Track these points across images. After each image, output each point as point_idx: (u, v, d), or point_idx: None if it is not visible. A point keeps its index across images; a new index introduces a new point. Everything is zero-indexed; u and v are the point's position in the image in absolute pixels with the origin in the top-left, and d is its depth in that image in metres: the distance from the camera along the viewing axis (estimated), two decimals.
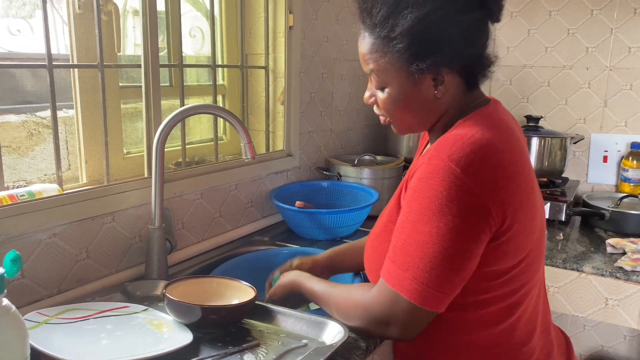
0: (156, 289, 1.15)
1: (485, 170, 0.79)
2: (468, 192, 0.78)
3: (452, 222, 0.78)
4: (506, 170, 0.81)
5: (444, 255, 0.78)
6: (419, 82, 0.88)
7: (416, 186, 0.82)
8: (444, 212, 0.78)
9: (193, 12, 1.66)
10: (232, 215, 1.56)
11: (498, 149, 0.82)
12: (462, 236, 0.78)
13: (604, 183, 2.15)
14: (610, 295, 1.48)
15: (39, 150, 1.22)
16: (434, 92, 0.89)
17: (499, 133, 0.85)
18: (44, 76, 1.11)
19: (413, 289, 0.80)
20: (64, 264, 1.11)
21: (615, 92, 2.07)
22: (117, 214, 1.20)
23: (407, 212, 0.83)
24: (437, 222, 0.78)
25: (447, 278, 0.80)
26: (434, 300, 0.80)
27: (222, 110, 1.23)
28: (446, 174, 0.78)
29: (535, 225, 0.89)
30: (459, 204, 0.78)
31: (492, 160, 0.80)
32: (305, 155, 1.87)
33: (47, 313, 0.96)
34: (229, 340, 0.96)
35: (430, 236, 0.79)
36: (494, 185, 0.79)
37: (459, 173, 0.78)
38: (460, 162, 0.78)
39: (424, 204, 0.80)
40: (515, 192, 0.82)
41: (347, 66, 2.05)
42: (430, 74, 0.87)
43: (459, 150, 0.79)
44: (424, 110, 0.91)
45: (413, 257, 0.80)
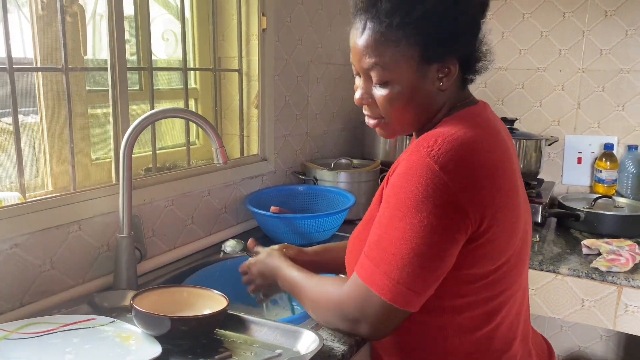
0: (125, 299, 1.11)
1: (465, 168, 0.77)
2: (445, 190, 0.75)
3: (426, 219, 0.75)
4: (487, 170, 0.79)
5: (417, 252, 0.76)
6: (426, 73, 0.85)
7: (395, 181, 0.80)
8: (419, 208, 0.76)
9: (166, 15, 1.63)
10: (205, 222, 1.53)
11: (480, 148, 0.80)
12: (436, 234, 0.76)
13: (579, 184, 2.17)
14: (587, 296, 1.49)
15: (4, 157, 1.17)
16: (438, 85, 0.86)
17: (483, 133, 0.83)
18: (7, 81, 1.06)
19: (384, 285, 0.78)
20: (26, 276, 1.06)
21: (588, 94, 2.10)
22: (83, 222, 1.16)
23: (384, 207, 0.81)
24: (411, 219, 0.76)
25: (419, 276, 0.77)
26: (404, 298, 0.78)
27: (192, 113, 1.19)
28: (424, 170, 0.76)
29: (517, 229, 0.86)
30: (435, 201, 0.75)
31: (472, 159, 0.78)
32: (280, 160, 1.85)
33: (6, 328, 0.92)
34: (200, 352, 0.93)
35: (404, 232, 0.77)
36: (473, 185, 0.77)
37: (437, 170, 0.76)
38: (439, 159, 0.76)
39: (400, 199, 0.78)
40: (496, 194, 0.80)
41: (323, 69, 2.03)
42: (439, 62, 0.84)
43: (439, 147, 0.77)
44: (425, 105, 0.88)
45: (386, 252, 0.78)
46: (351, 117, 2.31)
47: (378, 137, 2.17)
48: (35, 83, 1.20)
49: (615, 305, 1.45)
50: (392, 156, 2.14)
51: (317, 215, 1.52)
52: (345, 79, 2.22)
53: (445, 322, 0.87)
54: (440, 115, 0.90)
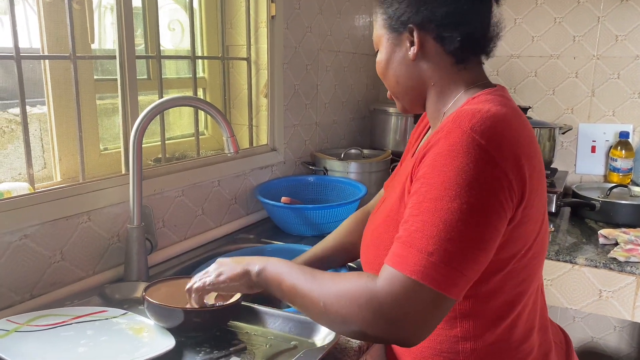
0: (136, 291, 1.09)
1: (509, 143, 0.74)
2: (494, 165, 0.71)
3: (483, 198, 0.70)
4: (524, 147, 0.77)
5: (476, 233, 0.70)
6: (399, 42, 0.90)
7: (436, 161, 0.73)
8: (473, 185, 0.70)
9: (172, 4, 1.60)
10: (215, 213, 1.51)
11: (516, 126, 0.77)
12: (491, 211, 0.71)
13: (593, 173, 2.13)
14: (604, 287, 1.46)
15: (12, 149, 1.16)
16: (408, 53, 0.89)
17: (513, 111, 0.81)
18: (14, 70, 1.04)
19: (440, 275, 0.68)
20: (36, 267, 1.05)
21: (602, 82, 2.05)
22: (93, 213, 1.14)
23: (426, 190, 0.73)
24: (467, 197, 0.69)
25: (476, 259, 0.71)
26: (458, 285, 0.70)
27: (202, 102, 1.17)
28: (471, 146, 0.71)
29: (543, 215, 0.85)
30: (486, 176, 0.70)
31: (512, 134, 0.75)
32: (290, 150, 1.82)
33: (17, 320, 0.90)
34: (214, 344, 0.91)
35: (460, 213, 0.69)
36: (517, 160, 0.74)
37: (484, 145, 0.71)
38: (485, 134, 0.72)
39: (448, 177, 0.71)
40: (531, 174, 0.77)
41: (332, 57, 2.00)
42: (405, 32, 0.88)
43: (481, 123, 0.73)
44: (404, 75, 0.92)
45: (438, 239, 0.69)
46: (360, 107, 2.28)
47: (388, 127, 2.14)
48: (43, 72, 1.18)
49: (634, 295, 1.42)
50: (402, 146, 2.11)
51: (328, 206, 1.50)
52: (354, 68, 2.19)
53: (468, 311, 0.84)
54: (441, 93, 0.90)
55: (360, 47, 2.21)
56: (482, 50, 0.90)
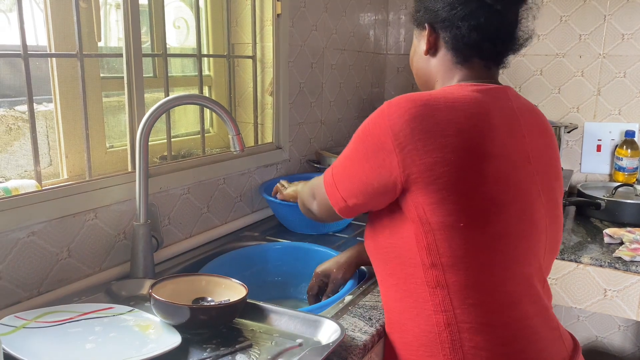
0: (142, 288, 1.10)
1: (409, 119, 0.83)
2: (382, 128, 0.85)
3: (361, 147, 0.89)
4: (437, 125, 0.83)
5: (347, 166, 0.92)
6: (421, 37, 1.01)
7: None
8: (361, 139, 0.89)
9: (177, 2, 1.60)
10: (221, 210, 1.51)
11: (439, 106, 0.84)
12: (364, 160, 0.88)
13: (598, 172, 2.13)
14: (609, 286, 1.46)
15: (18, 146, 1.16)
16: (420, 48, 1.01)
17: (453, 100, 0.86)
18: (22, 68, 1.05)
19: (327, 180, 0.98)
20: (43, 264, 1.05)
21: (608, 80, 2.05)
22: (99, 210, 1.15)
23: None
24: (353, 143, 0.91)
25: (344, 184, 0.93)
26: (335, 195, 0.95)
27: (209, 100, 1.17)
28: (377, 112, 0.88)
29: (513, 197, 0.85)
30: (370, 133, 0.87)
31: (425, 111, 0.84)
32: (295, 148, 1.82)
33: (25, 317, 0.91)
34: (220, 342, 0.92)
35: (347, 150, 0.93)
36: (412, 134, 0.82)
37: (385, 110, 0.86)
38: (392, 103, 0.86)
39: (355, 133, 0.92)
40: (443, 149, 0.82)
41: (337, 56, 2.00)
42: (424, 28, 0.98)
43: (399, 98, 0.87)
44: (420, 68, 1.04)
45: (337, 164, 0.96)
46: (365, 105, 2.28)
47: None
48: (50, 70, 1.18)
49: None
50: None
51: None
52: (359, 66, 2.19)
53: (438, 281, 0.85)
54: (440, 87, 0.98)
55: (365, 45, 2.21)
56: (485, 54, 0.95)
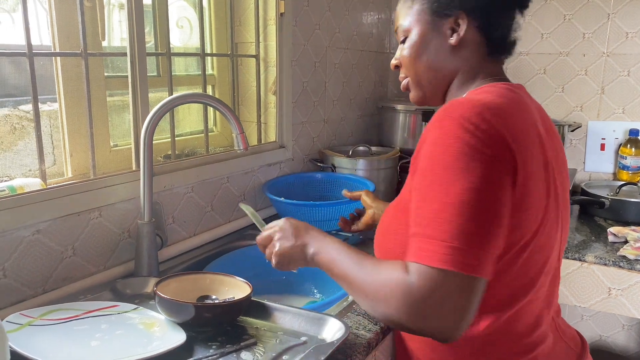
0: (147, 286, 1.10)
1: (495, 129, 0.74)
2: (486, 145, 0.72)
3: (481, 174, 0.71)
4: (516, 135, 0.76)
5: (486, 209, 0.71)
6: (439, 28, 0.90)
7: (432, 152, 0.75)
8: (470, 166, 0.71)
9: (180, 2, 1.60)
10: (225, 209, 1.51)
11: (509, 114, 0.78)
12: (494, 185, 0.71)
13: (602, 171, 2.12)
14: (614, 284, 1.45)
15: (22, 145, 1.17)
16: (449, 40, 0.90)
17: (511, 102, 0.82)
18: (26, 67, 1.05)
19: (465, 258, 0.69)
20: (48, 262, 1.06)
21: (612, 79, 2.04)
22: (104, 208, 1.15)
23: (429, 181, 0.74)
24: (468, 177, 0.70)
25: (494, 234, 0.71)
26: (485, 263, 0.70)
27: (212, 99, 1.17)
28: (461, 131, 0.73)
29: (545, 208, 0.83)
30: (481, 156, 0.72)
31: (501, 122, 0.75)
32: (298, 147, 1.83)
33: (30, 314, 0.91)
34: (225, 339, 0.92)
35: (467, 193, 0.70)
36: (505, 145, 0.74)
37: (473, 129, 0.73)
38: (472, 120, 0.73)
39: (446, 164, 0.72)
40: (527, 160, 0.77)
41: (340, 54, 2.00)
42: (450, 17, 0.89)
43: (469, 110, 0.75)
44: (437, 62, 0.92)
45: (454, 223, 0.69)
46: (368, 104, 2.28)
47: (396, 124, 2.14)
48: (54, 69, 1.19)
49: None
50: (410, 143, 2.11)
51: (335, 203, 1.50)
52: (362, 65, 2.19)
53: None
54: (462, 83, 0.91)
55: (368, 44, 2.21)
56: (511, 46, 0.92)
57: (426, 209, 0.73)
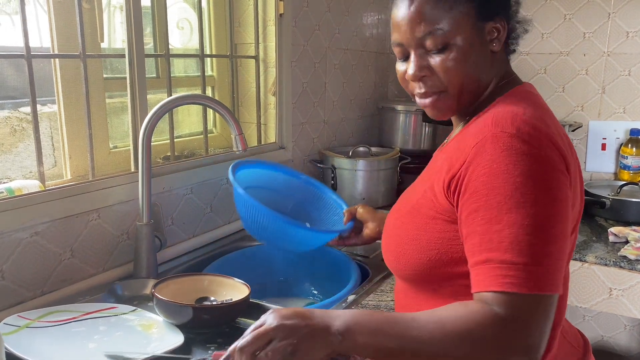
0: (145, 288, 1.10)
1: (553, 143, 0.74)
2: (550, 164, 0.72)
3: (553, 195, 0.71)
4: (564, 145, 0.77)
5: (562, 229, 0.71)
6: (481, 32, 0.82)
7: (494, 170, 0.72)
8: (542, 187, 0.70)
9: (180, 3, 1.61)
10: (224, 210, 1.51)
11: (551, 125, 0.78)
12: (564, 205, 0.72)
13: (603, 171, 2.12)
14: (615, 285, 1.45)
15: (23, 147, 1.17)
16: (491, 46, 0.83)
17: (544, 111, 0.81)
18: (25, 70, 1.05)
19: (552, 279, 0.69)
20: (47, 264, 1.06)
21: (613, 79, 2.04)
22: (102, 210, 1.15)
23: (498, 202, 0.71)
24: (543, 199, 0.70)
25: (565, 250, 0.73)
26: (560, 279, 0.71)
27: (211, 100, 1.17)
28: (523, 149, 0.71)
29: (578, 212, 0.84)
30: (550, 175, 0.71)
31: (552, 134, 0.75)
32: (298, 148, 1.82)
33: (28, 316, 0.91)
34: (222, 341, 0.92)
35: (544, 216, 0.69)
36: (563, 157, 0.74)
37: (536, 147, 0.72)
38: (532, 136, 0.72)
39: (518, 185, 0.70)
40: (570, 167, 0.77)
41: (340, 55, 2.00)
42: (492, 21, 0.82)
43: (523, 125, 0.73)
44: (480, 70, 0.84)
45: (538, 246, 0.69)
46: (369, 104, 2.28)
47: (396, 125, 2.13)
48: (53, 71, 1.19)
49: None
50: (410, 143, 2.10)
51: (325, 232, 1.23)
52: (362, 66, 2.18)
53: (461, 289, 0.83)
54: (488, 92, 0.87)
55: (368, 45, 2.21)
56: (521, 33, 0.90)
57: (501, 232, 0.70)
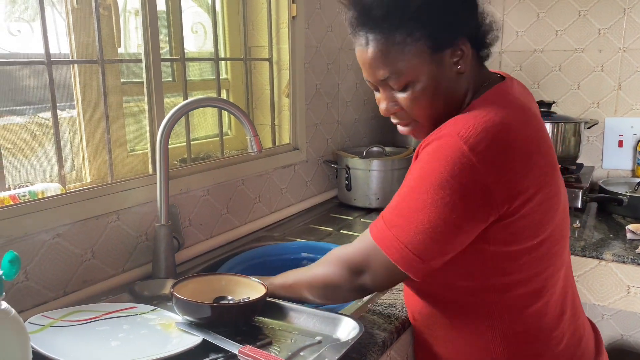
0: (164, 288, 1.12)
1: (496, 150, 0.77)
2: (472, 172, 0.76)
3: (448, 197, 0.77)
4: (520, 149, 0.79)
5: (432, 225, 0.79)
6: (441, 61, 0.85)
7: (422, 157, 0.82)
8: (443, 185, 0.77)
9: (194, 7, 1.63)
10: (240, 211, 1.53)
11: (512, 128, 0.80)
12: (455, 212, 0.78)
13: (620, 168, 2.10)
14: (633, 282, 1.44)
15: (43, 152, 1.20)
16: (456, 69, 0.86)
17: (514, 111, 0.83)
18: (45, 75, 1.08)
19: (392, 246, 0.82)
20: (69, 265, 1.08)
21: (629, 74, 2.02)
22: (122, 212, 1.17)
23: (408, 178, 0.84)
24: (433, 194, 0.78)
25: (428, 246, 0.80)
26: (409, 262, 0.81)
27: (226, 102, 1.19)
28: (453, 150, 0.77)
29: (557, 203, 0.86)
30: (460, 181, 0.77)
31: (504, 139, 0.78)
32: (312, 149, 1.84)
33: (52, 316, 0.93)
34: (240, 339, 0.93)
35: (423, 204, 0.79)
36: (503, 166, 0.77)
37: (467, 151, 0.76)
38: (469, 140, 0.77)
39: (425, 173, 0.80)
40: (529, 172, 0.80)
41: (353, 56, 2.01)
42: (450, 47, 0.84)
43: (471, 129, 0.78)
44: (450, 94, 0.87)
45: (401, 218, 0.82)
46: None
47: None
48: (72, 77, 1.22)
49: None
50: None
51: None
52: None
53: (491, 302, 0.86)
54: (467, 99, 0.89)
55: None
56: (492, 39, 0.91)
57: (395, 199, 0.85)
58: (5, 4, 1.15)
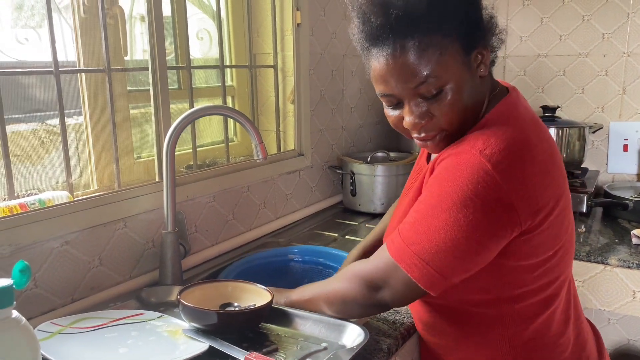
0: (171, 294, 1.13)
1: (518, 167, 0.77)
2: (495, 189, 0.75)
3: (472, 216, 0.76)
4: (540, 165, 0.79)
5: (454, 243, 0.77)
6: (470, 65, 0.82)
7: (441, 173, 0.80)
8: (466, 204, 0.76)
9: (200, 14, 1.64)
10: (246, 217, 1.54)
11: (531, 143, 0.79)
12: (478, 230, 0.76)
13: (625, 172, 2.09)
14: (638, 287, 1.43)
15: (50, 159, 1.21)
16: (479, 72, 0.84)
17: (529, 125, 0.83)
18: (53, 84, 1.09)
19: (412, 264, 0.80)
20: (77, 272, 1.09)
21: (634, 79, 2.02)
22: (129, 219, 1.19)
23: (428, 195, 0.81)
24: (456, 213, 0.76)
25: (450, 264, 0.79)
26: (430, 279, 0.80)
27: (231, 110, 1.20)
28: (475, 168, 0.76)
29: (569, 214, 0.87)
30: (484, 199, 0.75)
31: (526, 156, 0.78)
32: (317, 154, 1.85)
33: (60, 323, 0.94)
34: (246, 346, 0.94)
35: (445, 223, 0.77)
36: (525, 183, 0.77)
37: (489, 169, 0.75)
38: (492, 158, 0.76)
39: (446, 191, 0.78)
40: (549, 185, 0.80)
41: (357, 62, 2.02)
42: (476, 49, 0.82)
43: (493, 146, 0.77)
44: (476, 99, 0.84)
45: (421, 236, 0.80)
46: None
47: None
48: (79, 85, 1.23)
49: None
50: None
51: None
52: None
53: (503, 312, 0.87)
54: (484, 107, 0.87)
55: None
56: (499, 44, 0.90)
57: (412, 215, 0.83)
58: (11, 10, 1.16)
